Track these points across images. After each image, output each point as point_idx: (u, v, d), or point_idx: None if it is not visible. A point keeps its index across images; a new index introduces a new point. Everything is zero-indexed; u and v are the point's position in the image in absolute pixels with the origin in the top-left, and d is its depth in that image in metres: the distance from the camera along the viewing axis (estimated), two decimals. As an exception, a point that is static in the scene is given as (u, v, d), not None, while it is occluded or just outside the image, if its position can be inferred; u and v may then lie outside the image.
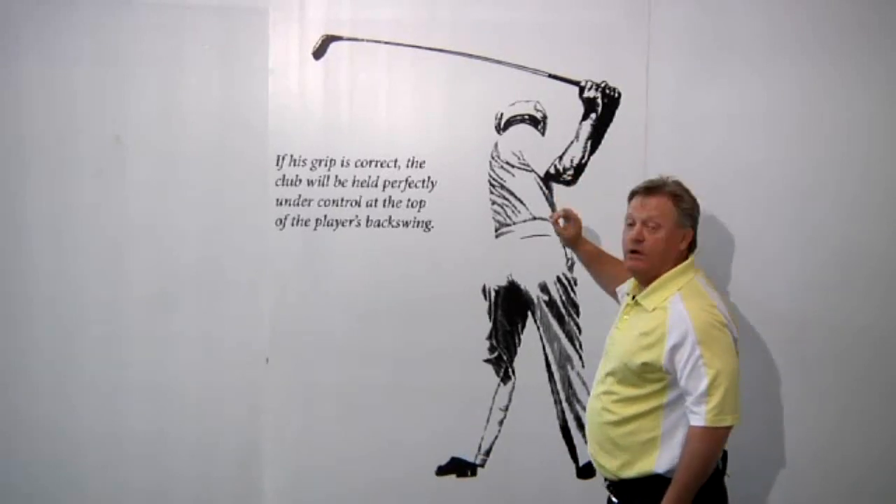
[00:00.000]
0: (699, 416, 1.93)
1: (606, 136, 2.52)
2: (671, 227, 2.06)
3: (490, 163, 2.55)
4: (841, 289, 2.50)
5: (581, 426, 2.54)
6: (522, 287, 2.56)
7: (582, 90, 2.52)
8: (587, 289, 2.52)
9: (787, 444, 2.52)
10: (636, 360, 2.00)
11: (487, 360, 2.56)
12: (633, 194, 2.14)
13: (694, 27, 2.51)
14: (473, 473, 2.57)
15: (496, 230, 2.55)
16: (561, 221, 2.46)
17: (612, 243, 2.26)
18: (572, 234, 2.44)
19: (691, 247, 2.12)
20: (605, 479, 2.16)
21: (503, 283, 2.56)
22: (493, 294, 2.56)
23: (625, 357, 2.02)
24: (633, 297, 2.11)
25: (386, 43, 2.54)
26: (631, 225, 2.09)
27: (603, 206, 2.46)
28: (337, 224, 2.56)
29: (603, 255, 2.46)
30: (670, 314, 1.99)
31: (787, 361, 2.51)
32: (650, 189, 2.10)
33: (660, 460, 2.00)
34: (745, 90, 2.50)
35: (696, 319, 1.96)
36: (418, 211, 2.56)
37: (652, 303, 2.04)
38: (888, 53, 2.48)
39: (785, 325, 2.50)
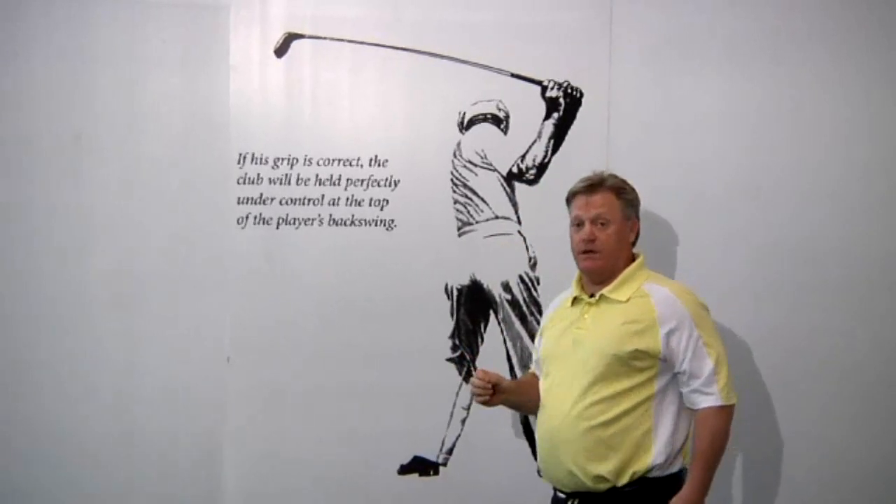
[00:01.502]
0: (714, 396, 1.97)
1: (568, 135, 2.53)
2: (619, 220, 2.08)
3: (453, 161, 2.55)
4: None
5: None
6: (485, 286, 2.56)
7: (544, 90, 2.53)
8: (549, 288, 2.51)
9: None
10: (626, 348, 1.97)
11: (450, 359, 2.56)
12: (573, 194, 2.13)
13: (656, 27, 2.52)
14: (436, 472, 2.57)
15: (459, 229, 2.55)
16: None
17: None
18: (503, 394, 2.13)
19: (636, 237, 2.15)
20: (568, 496, 2.05)
21: (466, 281, 2.56)
22: (455, 293, 2.56)
23: (609, 348, 1.98)
24: (592, 295, 2.09)
25: (349, 41, 2.53)
26: (579, 226, 2.09)
27: (565, 206, 2.45)
28: (299, 223, 2.54)
29: (520, 385, 2.30)
30: (655, 300, 2.01)
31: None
32: (592, 186, 2.10)
33: (656, 453, 1.97)
34: (708, 89, 2.52)
35: (688, 303, 2.01)
36: (381, 210, 2.55)
37: (624, 294, 2.04)
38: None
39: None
